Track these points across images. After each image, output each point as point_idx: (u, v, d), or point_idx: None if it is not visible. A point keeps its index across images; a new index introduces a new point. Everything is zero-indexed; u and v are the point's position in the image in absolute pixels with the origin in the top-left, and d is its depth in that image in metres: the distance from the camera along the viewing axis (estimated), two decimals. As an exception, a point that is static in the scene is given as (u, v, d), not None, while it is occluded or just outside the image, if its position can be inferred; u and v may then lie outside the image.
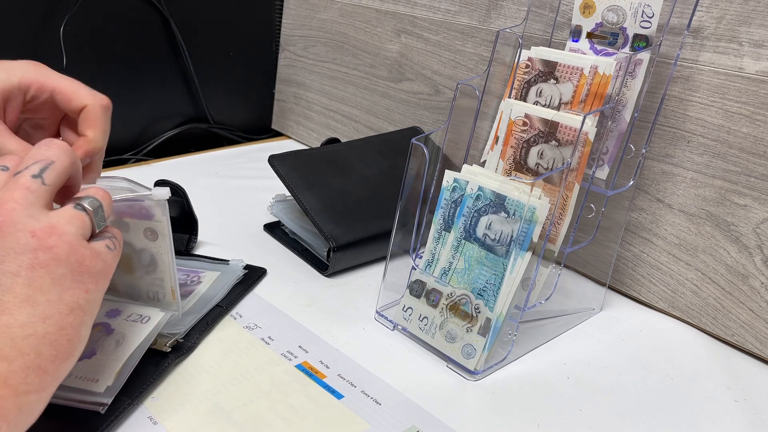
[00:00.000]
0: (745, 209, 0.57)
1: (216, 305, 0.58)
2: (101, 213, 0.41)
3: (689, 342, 0.60)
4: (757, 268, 0.57)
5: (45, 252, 0.36)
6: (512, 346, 0.55)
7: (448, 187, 0.55)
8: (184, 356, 0.52)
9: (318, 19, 1.02)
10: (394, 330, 0.58)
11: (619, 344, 0.59)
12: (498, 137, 0.57)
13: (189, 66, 1.01)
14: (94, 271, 0.39)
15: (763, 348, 0.58)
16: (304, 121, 1.10)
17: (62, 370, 0.37)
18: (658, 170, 0.63)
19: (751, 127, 0.56)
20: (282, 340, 0.56)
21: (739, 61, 0.56)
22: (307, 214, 0.67)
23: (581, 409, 0.50)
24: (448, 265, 0.54)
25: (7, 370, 0.34)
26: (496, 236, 0.51)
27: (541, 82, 0.57)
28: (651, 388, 0.53)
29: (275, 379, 0.51)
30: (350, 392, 0.50)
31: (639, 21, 0.56)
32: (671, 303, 0.64)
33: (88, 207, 0.40)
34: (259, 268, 0.66)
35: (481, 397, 0.51)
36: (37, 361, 0.35)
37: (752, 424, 0.50)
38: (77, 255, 0.38)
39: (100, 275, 0.39)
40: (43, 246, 0.36)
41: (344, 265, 0.67)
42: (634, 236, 0.65)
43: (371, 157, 0.77)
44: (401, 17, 0.88)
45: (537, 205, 0.50)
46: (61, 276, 0.37)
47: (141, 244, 0.49)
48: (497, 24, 0.76)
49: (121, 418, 0.45)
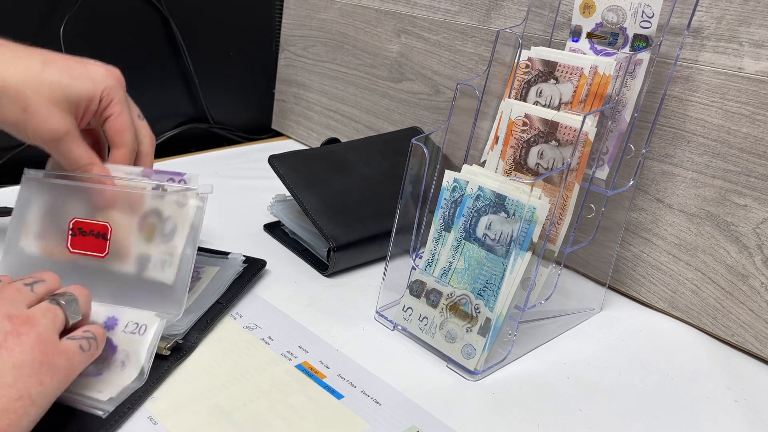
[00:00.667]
0: (745, 209, 0.57)
1: (216, 302, 0.58)
2: (75, 306, 0.44)
3: (689, 342, 0.60)
4: (757, 268, 0.57)
5: (14, 337, 0.39)
6: (512, 346, 0.55)
7: (448, 187, 0.55)
8: (184, 357, 0.52)
9: (318, 19, 1.02)
10: (394, 330, 0.58)
11: (619, 344, 0.59)
12: (498, 137, 0.57)
13: (189, 66, 1.01)
14: (55, 365, 0.40)
15: (763, 348, 0.58)
16: (304, 121, 1.10)
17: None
18: (658, 170, 0.63)
19: (751, 127, 0.56)
20: (282, 340, 0.56)
21: (739, 61, 0.56)
22: (307, 214, 0.67)
23: (581, 409, 0.50)
24: (448, 265, 0.54)
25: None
26: (496, 236, 0.51)
27: (541, 82, 0.57)
28: (651, 388, 0.53)
29: (275, 379, 0.51)
30: (350, 392, 0.50)
31: (639, 21, 0.56)
32: (671, 303, 0.64)
33: (61, 301, 0.43)
34: (259, 260, 0.66)
35: (481, 397, 0.51)
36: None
37: (752, 424, 0.50)
38: (42, 347, 0.40)
39: (60, 371, 0.40)
40: (15, 331, 0.39)
41: (344, 265, 0.67)
42: (634, 236, 0.65)
43: (371, 157, 0.77)
44: (401, 17, 0.88)
45: (537, 205, 0.50)
46: (22, 363, 0.39)
47: (169, 211, 0.53)
48: (497, 24, 0.76)
49: (121, 418, 0.45)
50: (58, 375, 0.40)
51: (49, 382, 0.39)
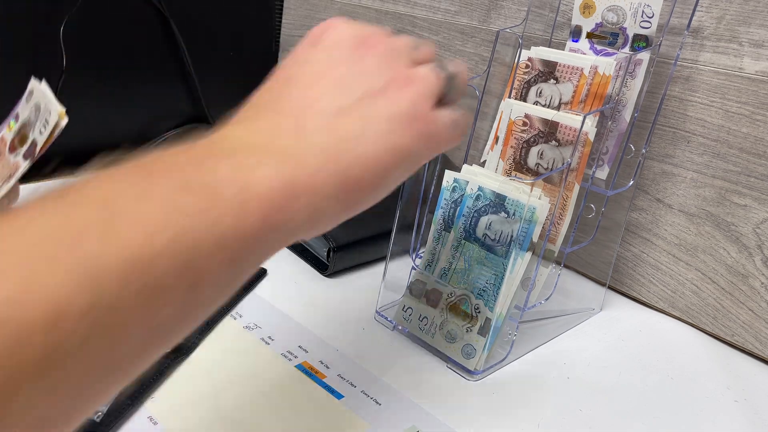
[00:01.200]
0: (745, 209, 0.57)
1: (216, 305, 0.58)
2: (455, 82, 0.39)
3: (689, 342, 0.60)
4: (757, 268, 0.57)
5: (396, 88, 0.35)
6: (512, 346, 0.55)
7: (448, 187, 0.55)
8: (184, 356, 0.52)
9: (318, 19, 1.02)
10: (394, 330, 0.58)
11: (619, 344, 0.59)
12: (498, 137, 0.57)
13: (189, 66, 1.01)
14: (426, 131, 0.36)
15: (763, 348, 0.58)
16: (304, 121, 1.09)
17: (347, 206, 0.34)
18: (658, 170, 0.63)
19: (751, 127, 0.56)
20: (282, 340, 0.56)
21: (739, 61, 0.56)
22: (307, 214, 0.67)
23: (581, 409, 0.50)
24: (448, 265, 0.54)
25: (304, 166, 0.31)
26: (496, 236, 0.51)
27: (541, 82, 0.57)
28: (651, 388, 0.53)
29: (275, 379, 0.51)
30: (350, 392, 0.50)
31: (639, 21, 0.56)
32: (671, 303, 0.64)
33: (445, 70, 0.39)
34: (260, 268, 0.66)
35: (481, 397, 0.51)
36: (339, 174, 0.33)
37: (752, 424, 0.50)
38: (420, 106, 0.36)
39: (430, 139, 0.37)
40: (397, 82, 0.36)
41: (344, 265, 0.67)
42: (634, 236, 0.65)
43: (371, 157, 0.77)
44: (401, 17, 0.88)
45: (537, 205, 0.50)
46: (399, 115, 0.35)
47: None
48: (497, 24, 0.76)
49: (121, 418, 0.45)
50: (428, 142, 0.36)
51: (418, 144, 0.36)
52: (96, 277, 0.22)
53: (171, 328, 0.26)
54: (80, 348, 0.21)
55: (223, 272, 0.27)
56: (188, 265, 0.25)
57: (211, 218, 0.26)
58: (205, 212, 0.26)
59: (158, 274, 0.24)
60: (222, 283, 0.28)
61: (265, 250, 0.30)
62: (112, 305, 0.22)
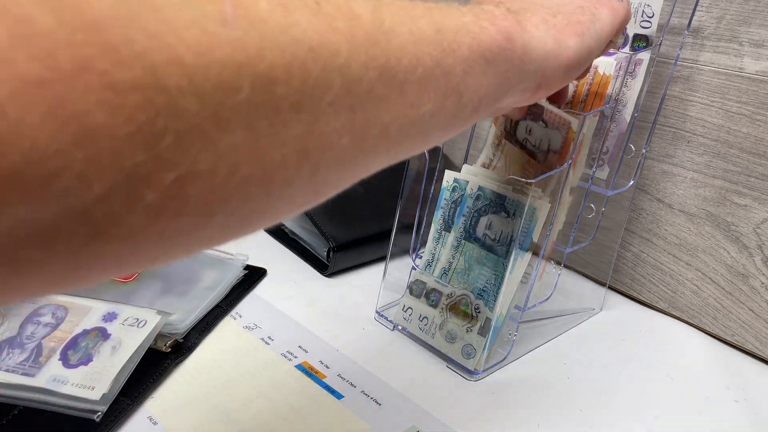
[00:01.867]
0: (745, 209, 0.57)
1: (216, 305, 0.58)
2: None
3: (689, 342, 0.60)
4: (757, 268, 0.57)
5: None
6: (512, 346, 0.55)
7: (448, 187, 0.55)
8: (184, 356, 0.52)
9: (318, 19, 1.02)
10: (394, 330, 0.58)
11: (619, 344, 0.59)
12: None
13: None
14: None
15: (763, 348, 0.58)
16: (304, 121, 1.09)
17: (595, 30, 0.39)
18: (658, 170, 0.63)
19: (751, 127, 0.56)
20: (282, 340, 0.56)
21: (739, 61, 0.56)
22: (306, 214, 0.67)
23: (581, 409, 0.50)
24: (448, 265, 0.54)
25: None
26: (496, 236, 0.51)
27: (541, 82, 0.57)
28: (651, 388, 0.53)
29: (275, 379, 0.51)
30: (350, 392, 0.50)
31: (639, 21, 0.56)
32: (671, 303, 0.64)
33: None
34: (259, 268, 0.66)
35: (481, 397, 0.51)
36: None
37: (752, 424, 0.50)
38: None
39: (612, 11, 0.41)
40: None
41: (344, 265, 0.67)
42: (634, 236, 0.65)
43: (371, 157, 0.77)
44: (401, 17, 0.88)
45: (537, 205, 0.50)
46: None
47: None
48: (497, 24, 0.76)
49: (120, 418, 0.45)
50: (612, 14, 0.41)
51: (607, 13, 0.40)
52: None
53: (429, 125, 0.28)
54: (368, 95, 0.23)
55: (480, 78, 0.29)
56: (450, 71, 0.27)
57: (476, 28, 0.29)
58: (470, 24, 0.29)
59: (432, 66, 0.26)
60: (482, 89, 0.30)
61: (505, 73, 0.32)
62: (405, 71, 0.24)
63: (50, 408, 0.44)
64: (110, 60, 0.15)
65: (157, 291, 0.57)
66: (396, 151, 0.27)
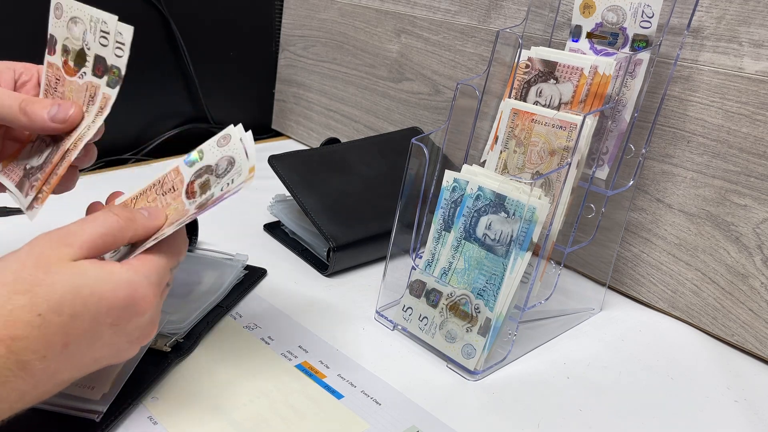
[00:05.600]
0: (745, 209, 0.57)
1: (216, 305, 0.58)
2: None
3: (689, 342, 0.60)
4: (757, 268, 0.57)
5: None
6: (512, 346, 0.55)
7: (448, 187, 0.55)
8: (184, 356, 0.52)
9: (318, 19, 1.02)
10: (394, 330, 0.58)
11: (619, 344, 0.59)
12: (498, 137, 0.57)
13: (189, 66, 1.01)
14: None
15: (763, 348, 0.58)
16: (304, 121, 1.09)
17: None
18: (658, 170, 0.63)
19: (751, 127, 0.56)
20: (282, 340, 0.56)
21: (739, 61, 0.56)
22: (307, 214, 0.67)
23: (581, 409, 0.50)
24: (448, 265, 0.54)
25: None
26: (496, 236, 0.51)
27: (540, 82, 0.57)
28: (651, 388, 0.53)
29: (275, 379, 0.51)
30: (350, 392, 0.50)
31: (639, 21, 0.56)
32: (671, 303, 0.64)
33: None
34: (259, 268, 0.66)
35: (481, 397, 0.51)
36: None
37: (752, 424, 0.50)
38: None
39: None
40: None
41: (344, 265, 0.67)
42: (634, 236, 0.65)
43: (371, 157, 0.77)
44: (401, 17, 0.88)
45: (537, 205, 0.50)
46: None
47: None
48: (497, 24, 0.76)
49: (120, 418, 0.45)
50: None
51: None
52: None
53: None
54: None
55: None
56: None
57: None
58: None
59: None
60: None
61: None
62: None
63: (50, 408, 0.44)
64: None
65: (157, 291, 0.57)
66: None
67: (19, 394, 0.35)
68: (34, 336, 0.34)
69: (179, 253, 0.43)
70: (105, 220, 0.39)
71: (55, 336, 0.35)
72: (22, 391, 0.35)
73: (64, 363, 0.36)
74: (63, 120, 0.43)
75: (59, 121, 0.43)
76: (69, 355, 0.36)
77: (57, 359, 0.36)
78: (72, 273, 0.36)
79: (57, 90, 0.46)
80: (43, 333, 0.35)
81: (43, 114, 0.43)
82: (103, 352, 0.39)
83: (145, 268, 0.39)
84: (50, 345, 0.35)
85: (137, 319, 0.39)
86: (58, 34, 0.45)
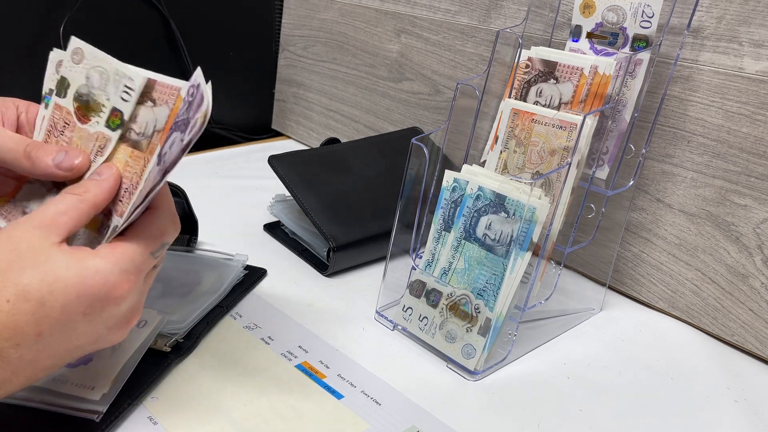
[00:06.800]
0: (745, 209, 0.57)
1: (216, 305, 0.58)
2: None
3: (689, 342, 0.60)
4: (757, 268, 0.57)
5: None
6: (512, 346, 0.55)
7: (448, 187, 0.55)
8: (184, 356, 0.52)
9: (318, 19, 1.02)
10: (394, 330, 0.58)
11: (619, 344, 0.59)
12: (498, 137, 0.57)
13: (189, 66, 1.01)
14: None
15: (763, 348, 0.58)
16: (304, 121, 1.09)
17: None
18: (658, 170, 0.63)
19: (751, 127, 0.56)
20: (282, 340, 0.56)
21: (739, 61, 0.56)
22: (307, 214, 0.67)
23: (581, 409, 0.50)
24: (448, 265, 0.54)
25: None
26: (496, 236, 0.51)
27: (541, 82, 0.57)
28: (651, 388, 0.53)
29: (275, 379, 0.51)
30: (350, 392, 0.50)
31: (639, 21, 0.56)
32: (671, 303, 0.64)
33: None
34: (259, 268, 0.66)
35: (481, 397, 0.51)
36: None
37: (752, 424, 0.50)
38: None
39: None
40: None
41: (344, 265, 0.67)
42: (634, 236, 0.65)
43: (371, 157, 0.77)
44: (401, 17, 0.88)
45: (537, 205, 0.50)
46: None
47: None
48: (497, 24, 0.76)
49: (120, 418, 0.45)
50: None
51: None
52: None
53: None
54: None
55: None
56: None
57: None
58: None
59: None
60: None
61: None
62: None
63: (50, 408, 0.44)
64: None
65: (157, 292, 0.57)
66: None
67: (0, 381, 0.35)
68: (4, 322, 0.34)
69: (161, 234, 0.42)
70: (61, 198, 0.39)
71: (27, 325, 0.35)
72: (2, 378, 0.35)
73: (42, 352, 0.36)
74: (69, 168, 0.42)
75: (65, 168, 0.42)
76: (45, 344, 0.36)
77: (32, 348, 0.36)
78: (40, 259, 0.36)
79: (63, 134, 0.46)
80: (12, 319, 0.35)
81: (48, 161, 0.42)
82: (82, 341, 0.38)
83: (116, 255, 0.38)
84: (22, 333, 0.35)
85: (112, 308, 0.38)
86: (73, 78, 0.45)
